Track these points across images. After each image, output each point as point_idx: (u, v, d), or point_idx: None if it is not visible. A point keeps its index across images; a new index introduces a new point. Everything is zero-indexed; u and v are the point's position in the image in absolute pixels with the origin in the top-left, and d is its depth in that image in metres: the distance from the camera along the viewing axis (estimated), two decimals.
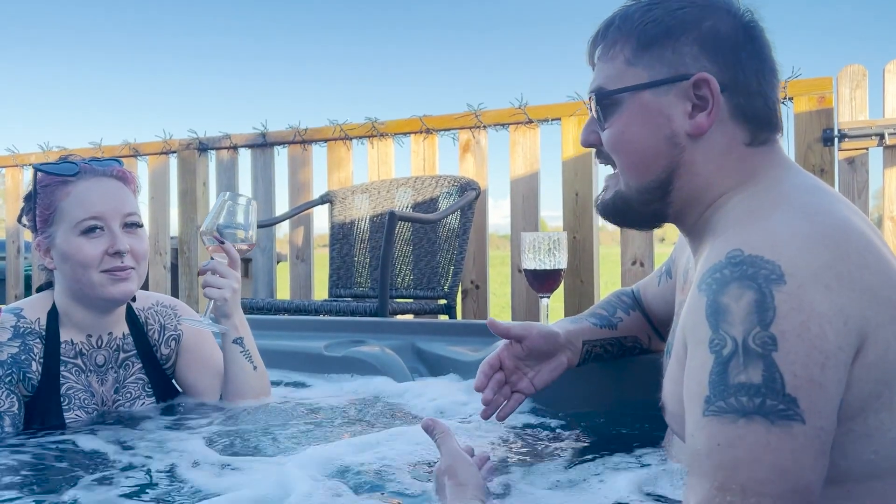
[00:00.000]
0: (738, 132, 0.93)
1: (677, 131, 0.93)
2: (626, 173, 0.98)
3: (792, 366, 0.72)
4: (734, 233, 0.84)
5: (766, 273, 0.76)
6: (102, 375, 1.45)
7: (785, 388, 0.72)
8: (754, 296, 0.75)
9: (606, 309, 1.39)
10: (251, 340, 1.48)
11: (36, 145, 4.17)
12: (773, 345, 0.73)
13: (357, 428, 1.35)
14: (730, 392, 0.74)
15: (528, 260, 1.85)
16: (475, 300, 3.22)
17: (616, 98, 0.96)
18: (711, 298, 0.78)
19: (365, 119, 3.42)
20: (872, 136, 2.68)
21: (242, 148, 3.70)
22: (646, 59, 0.94)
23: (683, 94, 0.92)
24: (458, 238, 2.97)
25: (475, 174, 3.21)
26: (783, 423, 0.71)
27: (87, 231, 1.34)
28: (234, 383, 1.46)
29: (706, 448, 0.74)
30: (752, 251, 0.78)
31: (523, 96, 3.11)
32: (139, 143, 3.93)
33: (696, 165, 0.94)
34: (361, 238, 3.26)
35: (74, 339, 1.41)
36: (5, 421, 1.29)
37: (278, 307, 2.76)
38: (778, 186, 0.90)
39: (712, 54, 0.92)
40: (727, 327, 0.76)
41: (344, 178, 3.50)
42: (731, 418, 0.73)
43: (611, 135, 0.98)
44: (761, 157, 0.94)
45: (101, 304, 1.40)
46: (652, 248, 2.97)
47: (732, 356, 0.74)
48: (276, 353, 1.83)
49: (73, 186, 1.37)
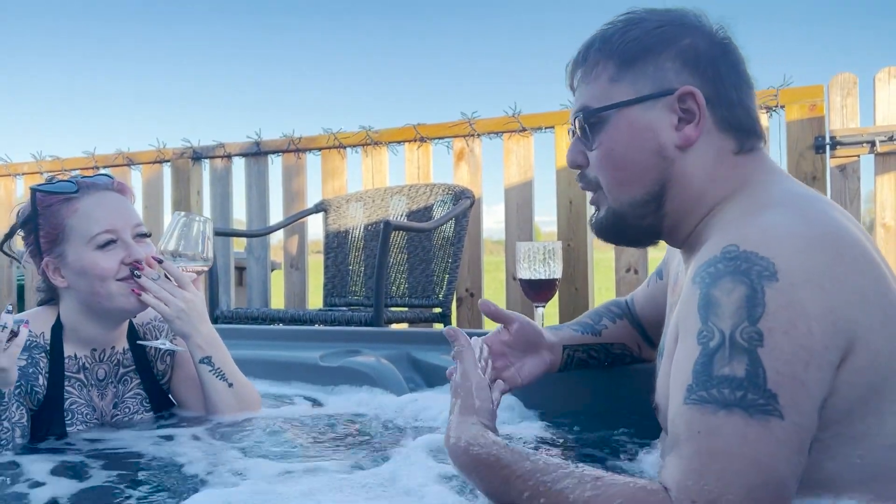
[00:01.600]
0: (726, 142, 0.95)
1: (665, 144, 0.95)
2: (615, 190, 0.99)
3: (776, 362, 0.74)
4: (730, 229, 0.85)
5: (760, 269, 0.77)
6: (102, 390, 1.45)
7: (766, 384, 0.73)
8: (745, 290, 0.76)
9: (592, 317, 1.40)
10: (224, 357, 1.44)
11: (29, 155, 4.16)
12: (760, 340, 0.74)
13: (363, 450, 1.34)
14: (713, 383, 0.75)
15: (524, 269, 1.86)
16: (470, 308, 3.22)
17: (602, 116, 0.97)
18: (704, 291, 0.80)
19: (359, 128, 3.43)
20: (864, 144, 2.70)
21: (236, 157, 3.70)
22: (629, 76, 0.96)
23: (669, 107, 0.94)
24: (453, 246, 2.97)
25: (469, 182, 3.22)
26: (761, 418, 0.73)
27: (102, 245, 1.35)
28: (209, 402, 1.45)
29: (686, 434, 0.76)
30: (747, 247, 0.79)
31: (517, 105, 3.13)
32: (133, 153, 3.93)
33: (687, 176, 0.96)
34: (356, 247, 3.26)
35: (78, 354, 1.41)
36: (16, 432, 1.29)
37: (272, 316, 2.75)
38: (771, 189, 0.92)
39: (693, 68, 0.95)
40: (716, 320, 0.77)
41: (338, 186, 3.50)
42: (711, 408, 0.74)
43: (600, 154, 0.99)
44: (751, 163, 0.96)
45: (116, 314, 1.40)
46: (646, 254, 2.98)
47: (719, 348, 0.76)
48: (271, 363, 1.82)
49: (79, 203, 1.37)
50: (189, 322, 1.39)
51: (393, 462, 1.15)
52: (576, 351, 1.35)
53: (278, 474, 1.12)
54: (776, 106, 2.79)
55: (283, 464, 1.17)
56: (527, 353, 1.31)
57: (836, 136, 2.70)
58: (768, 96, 2.76)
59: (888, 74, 2.74)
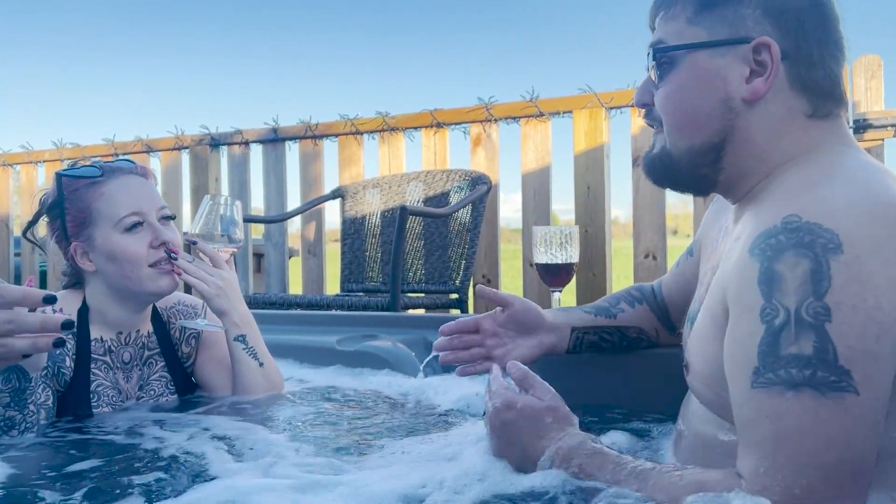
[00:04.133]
0: (798, 102, 0.90)
1: (733, 95, 0.91)
2: (674, 134, 0.95)
3: (846, 337, 0.71)
4: (791, 198, 0.81)
5: (824, 242, 0.74)
6: (128, 373, 1.47)
7: (838, 360, 0.71)
8: (810, 265, 0.73)
9: (609, 300, 1.39)
10: (256, 337, 1.47)
11: (49, 142, 4.20)
12: (827, 315, 0.72)
13: (376, 429, 1.35)
14: (780, 364, 0.73)
15: (540, 254, 1.85)
16: None
17: (673, 55, 0.94)
18: (766, 265, 0.76)
19: (376, 114, 3.42)
20: (888, 127, 2.65)
21: (254, 143, 3.71)
22: (707, 19, 0.92)
23: (742, 57, 0.90)
24: (470, 232, 2.97)
25: (486, 168, 3.20)
26: (835, 395, 0.71)
27: (130, 227, 1.37)
28: (240, 380, 1.46)
29: (755, 419, 0.74)
30: (809, 218, 0.76)
31: (534, 89, 3.10)
32: (151, 140, 3.95)
33: (750, 132, 0.91)
34: (373, 233, 3.26)
35: (104, 337, 1.43)
36: (41, 414, 1.31)
37: (290, 302, 2.77)
38: (838, 159, 0.88)
39: (775, 19, 0.90)
40: (780, 296, 0.74)
41: (355, 172, 3.50)
42: (778, 390, 0.73)
43: (664, 93, 0.95)
44: (823, 130, 0.91)
45: (145, 298, 1.42)
46: (665, 241, 2.95)
47: (784, 326, 0.73)
48: (289, 347, 1.83)
49: (105, 186, 1.39)
50: (227, 299, 1.42)
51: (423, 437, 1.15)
52: (586, 333, 1.34)
53: (308, 454, 1.13)
54: None
55: (310, 445, 1.18)
56: (522, 335, 1.31)
57: (864, 118, 2.65)
58: None
59: None
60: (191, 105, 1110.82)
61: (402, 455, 1.12)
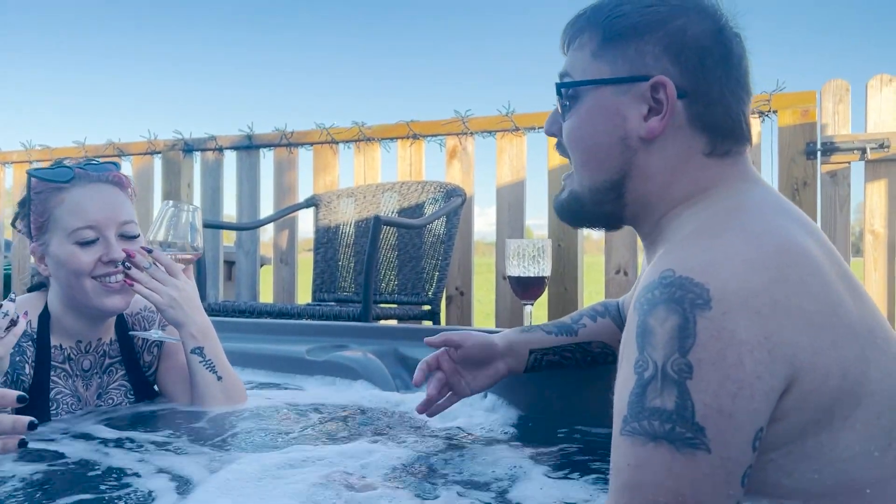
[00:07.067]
0: (696, 141, 0.90)
1: (631, 133, 0.91)
2: (579, 170, 0.97)
3: (703, 394, 0.72)
4: (672, 249, 0.82)
5: (693, 297, 0.74)
6: (87, 380, 1.44)
7: (695, 417, 0.72)
8: (678, 320, 0.74)
9: (573, 317, 1.40)
10: (216, 349, 1.43)
11: (18, 143, 4.13)
12: (689, 372, 0.72)
13: (338, 435, 1.34)
14: (644, 415, 0.74)
15: (513, 267, 1.85)
16: (459, 307, 3.22)
17: (577, 91, 0.95)
18: (641, 319, 0.77)
19: (352, 123, 3.42)
20: (854, 151, 2.71)
21: (228, 150, 3.69)
22: (609, 54, 0.92)
23: (641, 95, 0.90)
24: (444, 244, 2.97)
25: (461, 180, 3.21)
26: (688, 451, 0.71)
27: (81, 240, 1.33)
28: (197, 393, 1.43)
29: (620, 466, 0.75)
30: (682, 273, 0.76)
31: (510, 104, 3.13)
32: (124, 143, 3.90)
33: (649, 170, 0.91)
34: (346, 242, 3.25)
35: (63, 345, 1.40)
36: None
37: (260, 310, 2.74)
38: (733, 200, 0.87)
39: (675, 57, 0.88)
40: (651, 350, 0.75)
41: (330, 181, 3.48)
42: (641, 440, 0.73)
43: (568, 127, 0.96)
44: (722, 168, 0.91)
45: (95, 313, 1.38)
46: (636, 257, 2.98)
47: (652, 380, 0.74)
48: (257, 356, 1.81)
49: (67, 193, 1.35)
50: (181, 310, 1.37)
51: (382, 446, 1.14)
52: (545, 354, 1.35)
53: (265, 465, 1.11)
54: (768, 111, 2.80)
55: (268, 454, 1.16)
56: (478, 367, 1.35)
57: (833, 142, 2.71)
58: (761, 101, 2.77)
59: (880, 82, 2.75)
60: (165, 111, 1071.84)
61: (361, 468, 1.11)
